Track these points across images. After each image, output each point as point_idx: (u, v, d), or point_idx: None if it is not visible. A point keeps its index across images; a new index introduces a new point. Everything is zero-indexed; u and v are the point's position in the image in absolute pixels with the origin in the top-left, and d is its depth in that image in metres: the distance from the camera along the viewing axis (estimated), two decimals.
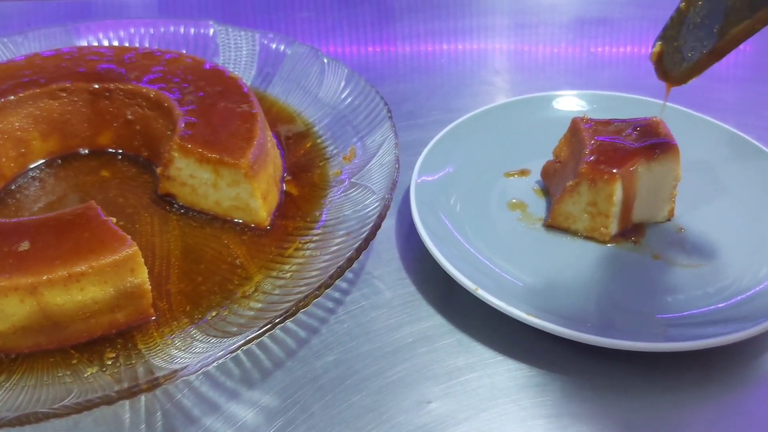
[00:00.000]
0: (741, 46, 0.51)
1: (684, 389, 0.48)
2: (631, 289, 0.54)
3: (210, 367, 0.47)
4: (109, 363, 0.48)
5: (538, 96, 0.73)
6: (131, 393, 0.43)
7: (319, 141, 0.70)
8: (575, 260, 0.57)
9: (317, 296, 0.49)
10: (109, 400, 0.42)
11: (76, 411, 0.42)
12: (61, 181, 0.66)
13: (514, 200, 0.63)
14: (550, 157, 0.64)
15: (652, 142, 0.58)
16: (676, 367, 0.50)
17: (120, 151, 0.69)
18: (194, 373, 0.44)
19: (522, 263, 0.56)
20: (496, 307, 0.50)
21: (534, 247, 0.58)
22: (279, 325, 0.47)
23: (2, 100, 0.64)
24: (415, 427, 0.47)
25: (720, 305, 0.52)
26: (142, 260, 0.50)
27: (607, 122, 0.60)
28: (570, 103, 0.73)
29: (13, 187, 0.65)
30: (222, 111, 0.63)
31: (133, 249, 0.49)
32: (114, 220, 0.52)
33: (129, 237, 0.50)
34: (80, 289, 0.48)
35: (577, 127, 0.60)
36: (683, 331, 0.49)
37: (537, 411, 0.47)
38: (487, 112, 0.69)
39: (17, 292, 0.47)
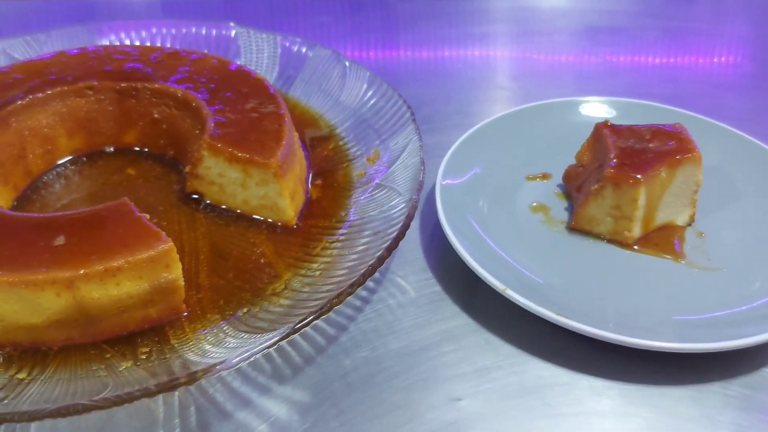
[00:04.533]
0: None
1: (707, 390, 0.49)
2: (654, 292, 0.55)
3: (248, 362, 0.47)
4: (143, 357, 0.49)
5: (559, 101, 0.74)
6: (171, 386, 0.43)
7: (341, 143, 0.71)
8: (599, 263, 0.58)
9: (350, 293, 0.49)
10: (148, 393, 0.43)
11: (116, 404, 0.42)
12: (86, 178, 0.67)
13: (536, 203, 0.63)
14: (571, 162, 0.65)
15: (675, 148, 0.59)
16: (699, 368, 0.51)
17: (146, 149, 0.69)
18: (233, 367, 0.44)
19: (547, 265, 0.57)
20: (524, 306, 0.50)
21: (558, 249, 0.59)
22: (313, 322, 0.47)
23: (30, 97, 0.65)
24: (445, 423, 0.47)
25: (741, 308, 0.53)
26: (177, 256, 0.50)
27: (630, 128, 0.61)
28: (590, 109, 0.74)
29: (39, 184, 0.66)
30: (250, 111, 0.63)
31: (168, 245, 0.50)
32: (148, 216, 0.52)
33: (164, 233, 0.51)
34: (116, 284, 0.49)
35: (600, 133, 0.61)
36: (705, 332, 0.50)
37: (565, 409, 0.48)
38: (509, 116, 0.70)
39: (54, 286, 0.48)
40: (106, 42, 0.82)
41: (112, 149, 0.70)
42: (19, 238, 0.50)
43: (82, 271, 0.48)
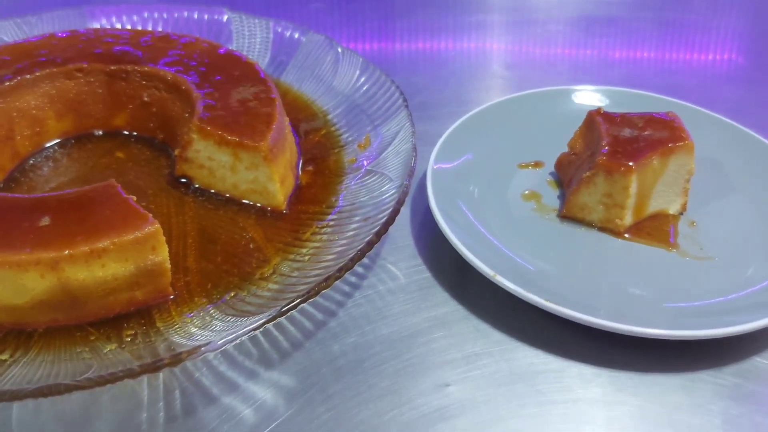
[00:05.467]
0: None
1: (698, 378, 0.49)
2: (646, 280, 0.54)
3: (233, 344, 0.47)
4: (128, 340, 0.48)
5: (553, 90, 0.73)
6: (154, 367, 0.43)
7: (333, 129, 0.70)
8: (590, 251, 0.57)
9: (338, 278, 0.49)
10: (132, 374, 0.42)
11: (99, 384, 0.42)
12: (75, 161, 0.66)
13: (528, 191, 0.63)
14: (563, 150, 0.64)
15: (667, 137, 0.58)
16: (690, 356, 0.50)
17: (135, 133, 0.69)
18: (218, 349, 0.44)
19: (538, 252, 0.56)
20: (514, 293, 0.50)
21: (549, 237, 0.58)
22: (300, 306, 0.47)
23: (19, 78, 0.64)
24: (434, 408, 0.47)
25: (732, 296, 0.52)
26: (164, 238, 0.50)
27: (623, 116, 0.61)
28: (584, 97, 0.73)
29: (26, 166, 0.65)
30: (240, 95, 0.63)
31: (155, 227, 0.49)
32: (135, 198, 0.52)
33: (150, 215, 0.50)
34: (101, 266, 0.48)
35: (593, 120, 0.61)
36: (696, 320, 0.50)
37: (554, 396, 0.48)
38: (502, 103, 0.70)
39: (38, 267, 0.47)
40: (97, 25, 0.81)
41: (101, 132, 0.69)
42: (3, 218, 0.49)
43: (66, 252, 0.47)
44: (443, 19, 1.04)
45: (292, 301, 0.46)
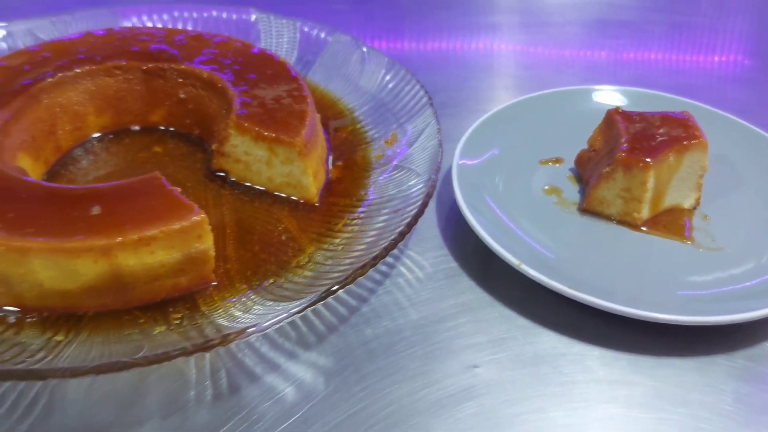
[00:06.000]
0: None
1: (710, 361, 0.52)
2: (661, 269, 0.57)
3: (278, 326, 0.50)
4: (176, 322, 0.51)
5: (573, 89, 0.77)
6: (205, 347, 0.46)
7: (359, 126, 0.73)
8: (609, 242, 0.60)
9: (373, 266, 0.52)
10: (185, 353, 0.45)
11: (154, 362, 0.45)
12: (113, 155, 0.69)
13: (549, 186, 0.66)
14: (582, 147, 0.67)
15: (683, 135, 0.61)
16: (703, 340, 0.53)
17: (171, 128, 0.72)
18: (264, 331, 0.47)
19: (559, 243, 0.59)
20: (537, 280, 0.53)
21: (570, 229, 0.62)
22: (338, 291, 0.50)
23: (60, 75, 0.67)
24: (462, 388, 0.50)
25: (743, 284, 0.55)
26: (209, 227, 0.53)
27: (641, 115, 0.64)
28: (602, 96, 0.76)
29: (67, 159, 0.68)
30: (274, 92, 0.66)
31: (200, 216, 0.52)
32: (179, 189, 0.55)
33: (196, 205, 0.53)
34: (150, 253, 0.51)
35: (612, 119, 0.64)
36: (709, 306, 0.53)
37: (576, 376, 0.51)
38: (523, 102, 0.73)
39: (91, 253, 0.50)
40: (128, 24, 0.84)
41: (138, 128, 0.72)
42: (56, 207, 0.53)
43: (118, 239, 0.50)
44: (461, 20, 1.07)
45: (332, 287, 0.49)
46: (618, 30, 1.07)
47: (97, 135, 0.71)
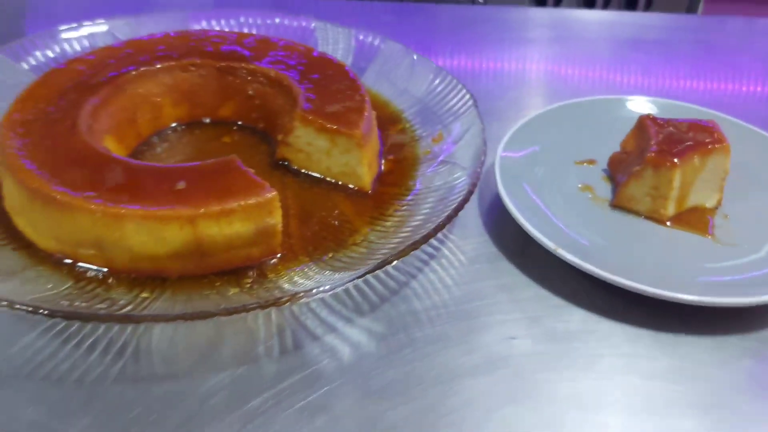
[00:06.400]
0: None
1: (726, 341, 0.58)
2: (684, 260, 0.63)
3: (342, 288, 0.56)
4: (247, 286, 0.58)
5: (607, 98, 0.83)
6: (278, 302, 0.52)
7: (408, 125, 0.79)
8: (637, 235, 0.66)
9: (424, 242, 0.58)
10: (261, 306, 0.51)
11: (236, 312, 0.51)
12: (186, 144, 0.76)
13: (583, 184, 0.72)
14: (614, 150, 0.73)
15: (707, 140, 0.67)
16: (720, 322, 0.59)
17: (239, 122, 0.79)
18: (329, 292, 0.53)
19: (592, 232, 0.65)
20: (572, 263, 0.59)
21: (602, 221, 0.67)
22: (393, 262, 0.56)
23: (143, 69, 0.75)
24: (500, 357, 0.56)
25: (759, 273, 0.61)
26: (279, 204, 0.59)
27: (670, 121, 0.70)
28: (635, 105, 0.83)
29: (145, 146, 0.76)
30: (335, 90, 0.73)
31: (273, 194, 0.59)
32: (253, 170, 0.62)
33: (268, 184, 0.60)
34: (228, 224, 0.58)
35: (644, 124, 0.70)
36: (726, 290, 0.58)
37: (603, 350, 0.57)
38: (562, 108, 0.80)
39: (178, 221, 0.57)
40: (197, 27, 0.92)
41: (209, 120, 0.79)
42: (146, 181, 0.59)
43: (202, 210, 0.57)
44: (495, 34, 1.14)
45: (388, 257, 0.56)
46: (648, 47, 1.13)
47: (172, 125, 0.78)
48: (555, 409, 0.52)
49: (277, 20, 0.93)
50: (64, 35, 0.84)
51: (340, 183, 0.71)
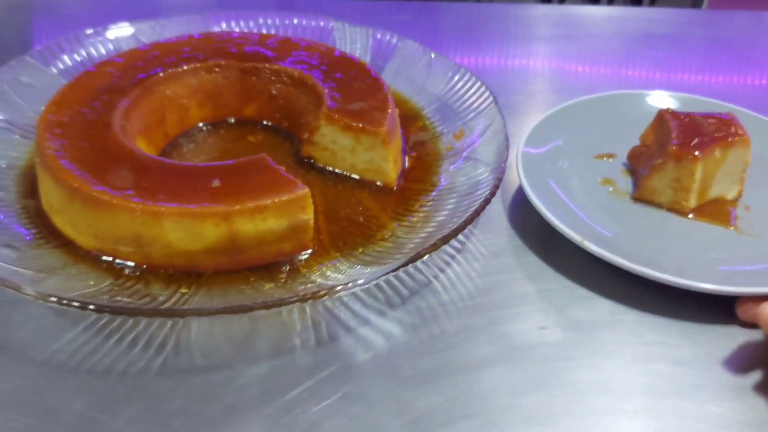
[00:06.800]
0: None
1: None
2: (705, 250, 0.64)
3: (375, 282, 0.58)
4: (282, 281, 0.60)
5: (626, 92, 0.85)
6: (316, 296, 0.54)
7: (428, 122, 0.81)
8: (659, 226, 0.68)
9: (454, 236, 0.59)
10: (300, 299, 0.53)
11: (274, 306, 0.53)
12: (212, 144, 0.78)
13: (602, 178, 0.74)
14: (634, 144, 0.75)
15: (728, 133, 0.68)
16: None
17: (263, 121, 0.81)
18: (364, 285, 0.55)
19: (615, 225, 0.67)
20: (598, 255, 0.60)
21: (624, 214, 0.69)
22: (423, 257, 0.58)
23: (170, 71, 0.76)
24: (530, 345, 0.58)
25: None
26: (311, 200, 0.61)
27: (689, 115, 0.71)
28: (653, 100, 0.84)
29: (172, 147, 0.77)
30: (358, 89, 0.74)
31: (305, 190, 0.60)
32: (284, 168, 0.63)
33: (299, 181, 0.61)
34: (263, 220, 0.59)
35: (663, 118, 0.72)
36: (744, 279, 0.60)
37: (629, 339, 0.58)
38: (582, 102, 0.81)
39: (214, 218, 0.58)
40: (217, 29, 0.94)
41: (233, 120, 0.81)
42: (182, 180, 0.61)
43: (237, 207, 0.58)
44: (510, 31, 1.16)
45: (420, 250, 0.57)
46: (662, 42, 1.15)
47: (198, 125, 0.80)
48: (582, 395, 0.54)
49: (296, 20, 0.94)
50: (90, 39, 0.86)
51: (363, 179, 0.72)
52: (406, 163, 0.75)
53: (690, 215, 0.69)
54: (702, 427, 0.52)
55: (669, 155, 0.67)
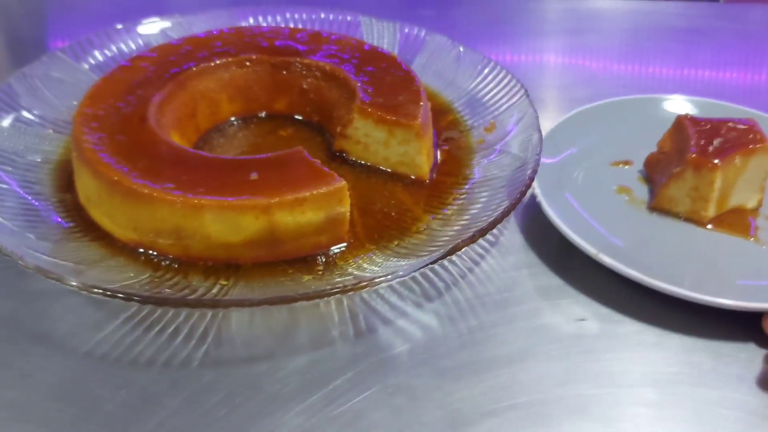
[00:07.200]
0: None
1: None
2: (724, 262, 0.63)
3: (413, 274, 0.58)
4: (320, 273, 0.60)
5: (643, 97, 0.83)
6: (356, 288, 0.54)
7: (459, 116, 0.81)
8: (677, 237, 0.66)
9: (492, 228, 0.59)
10: (342, 291, 0.54)
11: (316, 297, 0.53)
12: (243, 138, 0.78)
13: (619, 186, 0.72)
14: (651, 151, 0.74)
15: (748, 140, 0.67)
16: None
17: (294, 115, 0.81)
18: (405, 276, 0.55)
19: (631, 236, 0.65)
20: (614, 269, 0.59)
21: (641, 224, 0.68)
22: (463, 247, 0.58)
23: (202, 65, 0.77)
24: (572, 336, 0.58)
25: None
26: (348, 193, 0.61)
27: (709, 121, 0.70)
28: (671, 105, 0.83)
29: (204, 141, 0.78)
30: (390, 82, 0.74)
31: (342, 183, 0.61)
32: (319, 161, 0.63)
33: (336, 174, 0.62)
34: (301, 212, 0.60)
35: (681, 124, 0.71)
36: (764, 294, 0.58)
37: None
38: (597, 107, 0.80)
39: (254, 210, 0.59)
40: (244, 24, 0.94)
41: (264, 114, 0.81)
42: (220, 173, 0.61)
43: (276, 200, 0.59)
44: (534, 26, 1.16)
45: (458, 242, 0.57)
46: (688, 35, 1.14)
47: (229, 120, 0.80)
48: (629, 387, 0.54)
49: (323, 15, 0.94)
50: (121, 34, 0.87)
51: (395, 173, 0.72)
52: (438, 157, 0.75)
53: (708, 225, 0.67)
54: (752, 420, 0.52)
55: (688, 163, 0.66)
